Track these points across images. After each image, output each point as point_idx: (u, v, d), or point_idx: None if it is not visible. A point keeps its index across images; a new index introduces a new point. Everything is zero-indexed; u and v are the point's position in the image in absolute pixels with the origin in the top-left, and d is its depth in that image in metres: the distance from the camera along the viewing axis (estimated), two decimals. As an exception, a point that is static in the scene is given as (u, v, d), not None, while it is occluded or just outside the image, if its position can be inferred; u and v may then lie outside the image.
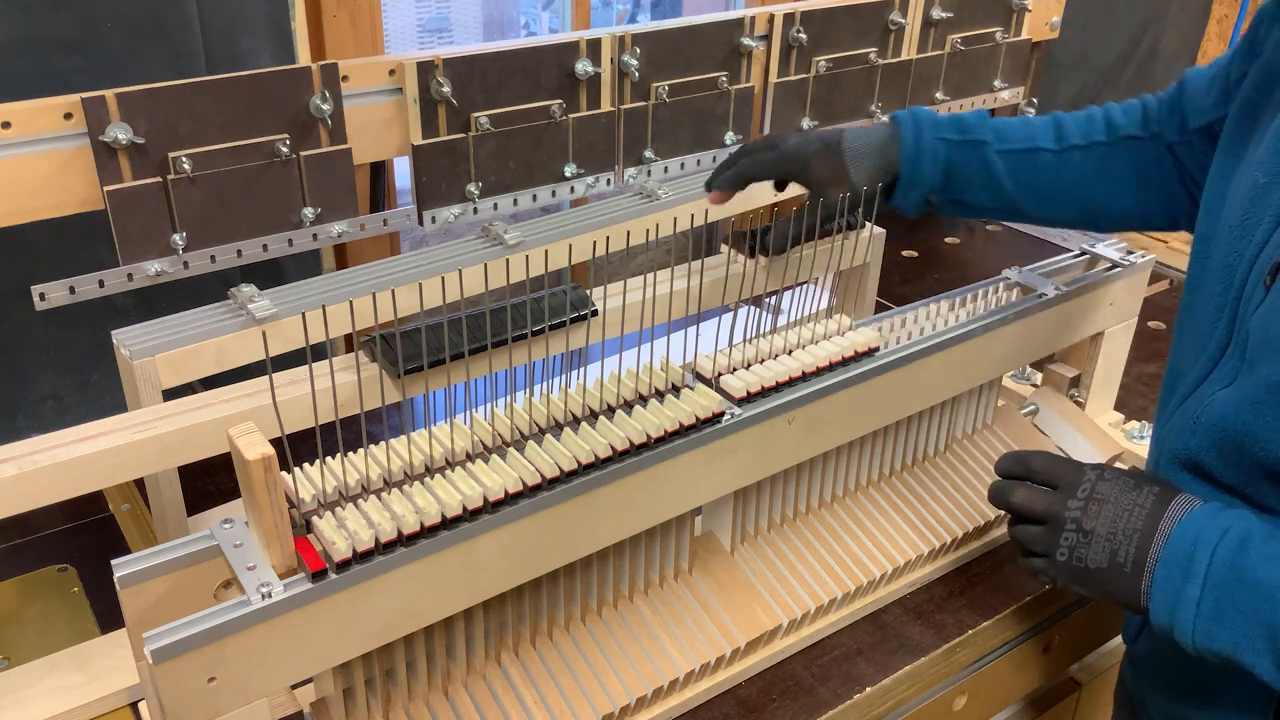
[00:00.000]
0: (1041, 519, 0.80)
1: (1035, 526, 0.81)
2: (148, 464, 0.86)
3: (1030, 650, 1.06)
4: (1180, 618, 0.73)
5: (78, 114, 0.94)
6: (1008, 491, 0.83)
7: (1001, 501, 0.83)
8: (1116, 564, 0.76)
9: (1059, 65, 2.02)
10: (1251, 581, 0.70)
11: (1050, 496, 0.80)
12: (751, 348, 0.89)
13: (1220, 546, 0.72)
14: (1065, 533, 0.78)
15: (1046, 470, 0.82)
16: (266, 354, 0.67)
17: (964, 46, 1.55)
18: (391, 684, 0.77)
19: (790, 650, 0.93)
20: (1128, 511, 0.76)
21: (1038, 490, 0.81)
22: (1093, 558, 0.77)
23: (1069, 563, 0.78)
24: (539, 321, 0.94)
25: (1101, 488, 0.78)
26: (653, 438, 0.78)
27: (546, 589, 0.82)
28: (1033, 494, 0.81)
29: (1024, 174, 1.00)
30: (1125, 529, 0.76)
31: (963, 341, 0.97)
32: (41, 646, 0.92)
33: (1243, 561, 0.71)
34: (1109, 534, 0.77)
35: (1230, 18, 2.64)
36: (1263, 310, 0.75)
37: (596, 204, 1.21)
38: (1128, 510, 0.77)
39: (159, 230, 1.00)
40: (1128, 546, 0.76)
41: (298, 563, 0.68)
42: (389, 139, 1.12)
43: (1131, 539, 0.76)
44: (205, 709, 0.65)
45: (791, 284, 1.11)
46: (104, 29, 1.08)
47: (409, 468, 0.73)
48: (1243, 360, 0.77)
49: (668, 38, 1.25)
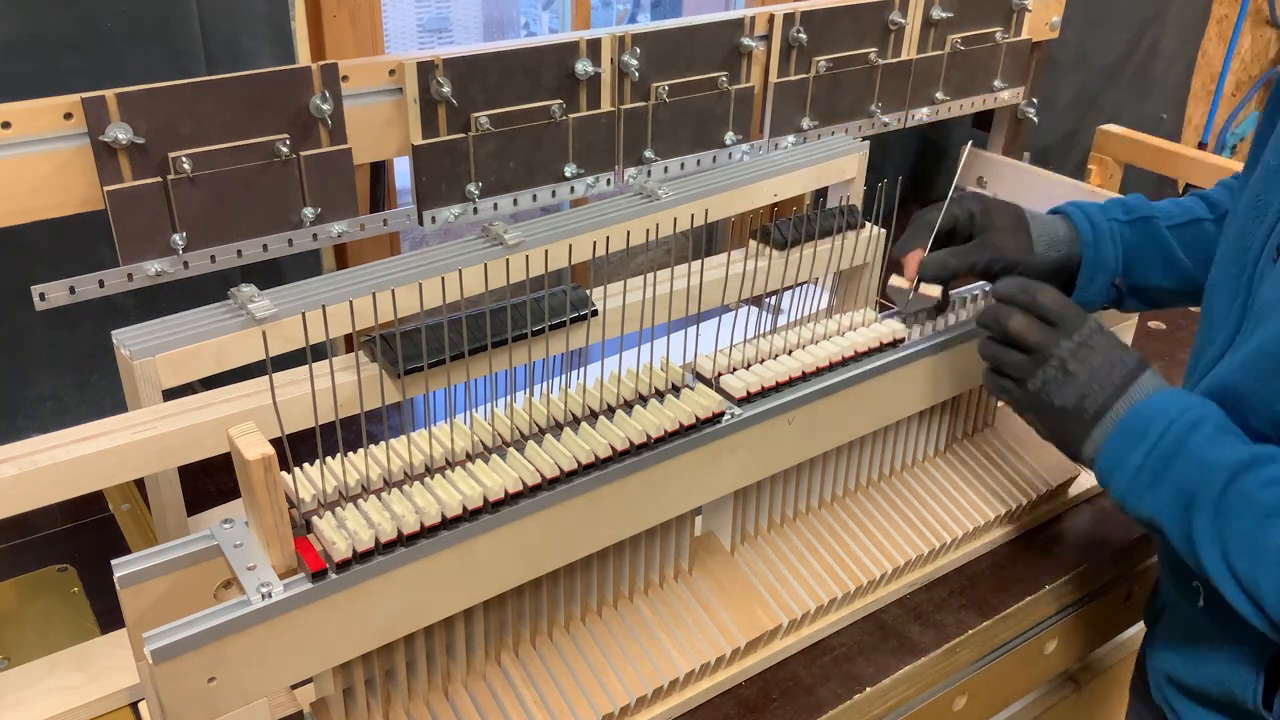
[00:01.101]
0: (1030, 348, 0.83)
1: (1019, 353, 0.84)
2: (148, 464, 0.86)
3: (1030, 650, 1.06)
4: (1119, 474, 0.78)
5: (78, 114, 0.94)
6: (1006, 316, 0.85)
7: (996, 322, 0.85)
8: (1080, 408, 0.81)
9: (1059, 65, 2.02)
10: (1189, 456, 0.75)
11: (1048, 331, 0.83)
12: (751, 348, 0.89)
13: (1176, 422, 0.76)
14: (1047, 366, 0.82)
15: (1054, 306, 0.84)
16: (266, 354, 0.67)
17: (964, 46, 1.55)
18: (391, 684, 0.77)
19: (790, 650, 0.93)
20: (1110, 366, 0.81)
21: (1036, 321, 0.84)
22: (1060, 395, 0.82)
23: (1037, 394, 0.83)
24: (539, 321, 0.94)
25: (1097, 338, 0.82)
26: (653, 438, 0.78)
27: (546, 589, 0.82)
28: (1032, 323, 0.84)
29: (1194, 247, 0.98)
30: (1102, 380, 0.80)
31: (963, 341, 0.97)
32: (41, 646, 0.92)
33: (1189, 438, 0.75)
34: (1087, 379, 0.81)
35: (1230, 18, 2.64)
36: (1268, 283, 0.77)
37: (596, 204, 1.21)
38: (1110, 364, 0.81)
39: (159, 230, 1.00)
40: (1097, 397, 0.80)
41: (298, 563, 0.68)
42: (389, 139, 1.12)
43: (1104, 391, 0.80)
44: (205, 709, 0.65)
45: (791, 284, 1.11)
46: (104, 29, 1.08)
47: (409, 468, 0.73)
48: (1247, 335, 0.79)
49: (668, 38, 1.25)
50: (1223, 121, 2.83)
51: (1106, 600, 1.12)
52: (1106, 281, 0.99)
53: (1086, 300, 0.99)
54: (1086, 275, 0.98)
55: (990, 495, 1.06)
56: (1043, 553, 1.06)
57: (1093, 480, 1.13)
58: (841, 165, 1.34)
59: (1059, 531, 1.09)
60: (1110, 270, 0.98)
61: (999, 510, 1.05)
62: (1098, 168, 1.79)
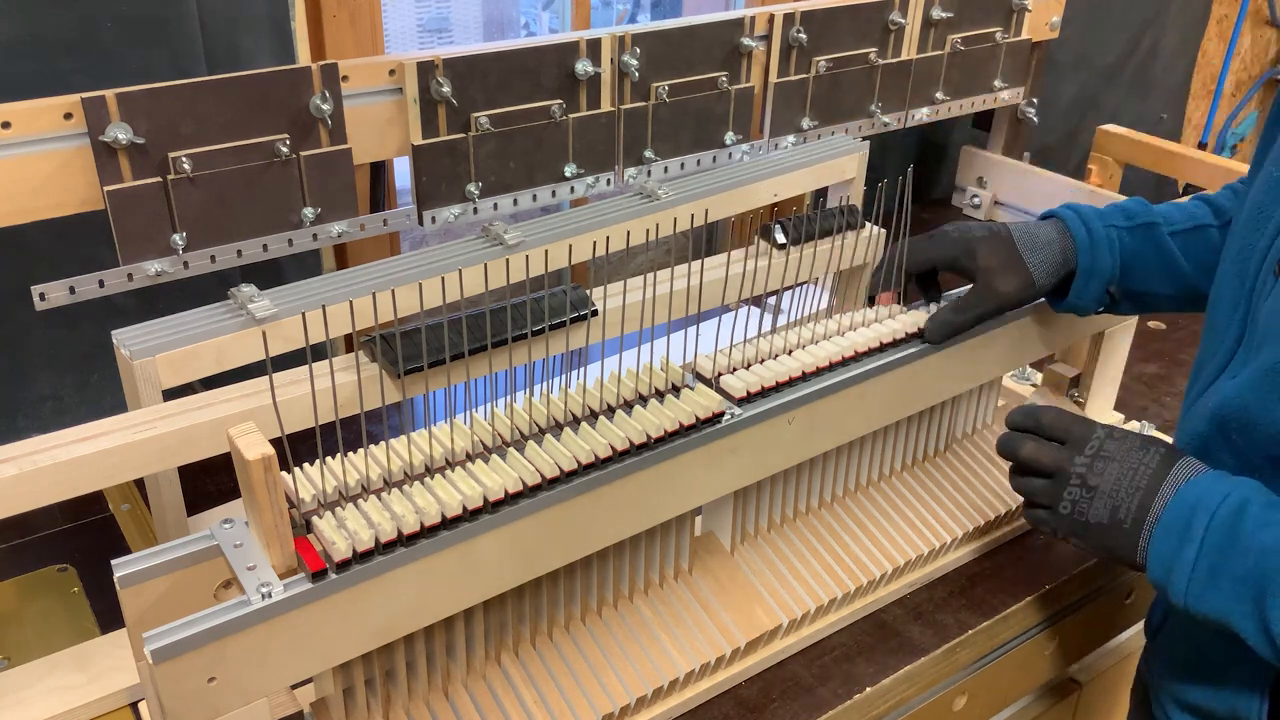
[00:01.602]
0: (1048, 472, 0.83)
1: (1041, 479, 0.83)
2: (148, 464, 0.86)
3: (1030, 650, 1.06)
4: (1175, 579, 0.75)
5: (78, 114, 0.94)
6: (1017, 444, 0.85)
7: (1010, 453, 0.86)
8: (1117, 520, 0.78)
9: (1059, 65, 2.02)
10: (1245, 546, 0.72)
11: (1058, 451, 0.82)
12: (751, 348, 0.89)
13: (1219, 511, 0.74)
14: (1070, 487, 0.81)
15: (1056, 425, 0.84)
16: (266, 354, 0.67)
17: (964, 46, 1.55)
18: (391, 684, 0.77)
19: (790, 650, 0.93)
20: (1132, 470, 0.78)
21: (1046, 444, 0.83)
22: (1094, 513, 0.79)
23: (1071, 516, 0.81)
24: (539, 321, 0.94)
25: (1109, 446, 0.80)
26: (653, 438, 0.78)
27: (546, 589, 0.82)
28: (1041, 448, 0.83)
29: (1197, 253, 0.97)
30: (1128, 487, 0.78)
31: (963, 341, 0.97)
32: (41, 646, 0.92)
33: (1239, 526, 0.72)
34: (1112, 491, 0.79)
35: (1230, 18, 2.64)
36: (1272, 298, 0.76)
37: (596, 204, 1.21)
38: (1133, 469, 0.79)
39: (159, 230, 1.00)
40: (1129, 504, 0.78)
41: (298, 563, 0.68)
42: (389, 139, 1.12)
43: (1134, 497, 0.78)
44: (205, 709, 0.65)
45: (792, 284, 1.11)
46: (104, 29, 1.08)
47: (409, 468, 0.73)
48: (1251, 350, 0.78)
49: (668, 38, 1.25)
50: (1223, 121, 2.83)
51: (1106, 600, 1.12)
52: (1101, 289, 0.97)
53: (1079, 306, 0.98)
54: (1081, 283, 0.97)
55: (990, 495, 1.06)
56: (1043, 553, 1.06)
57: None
58: (841, 165, 1.34)
59: (1059, 531, 1.09)
60: (1105, 278, 0.97)
61: (999, 510, 1.05)
62: (1098, 168, 1.79)
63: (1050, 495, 0.82)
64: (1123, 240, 0.97)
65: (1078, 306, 0.98)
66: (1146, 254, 0.97)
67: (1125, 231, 0.97)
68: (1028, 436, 0.85)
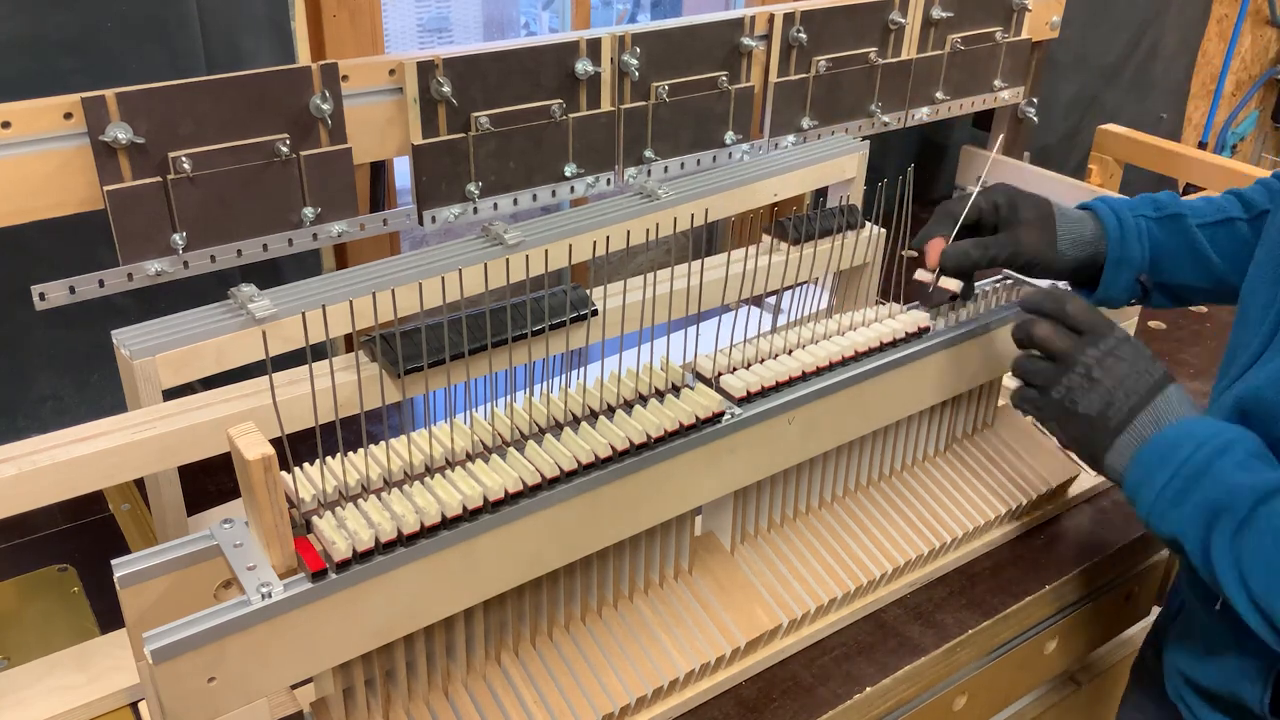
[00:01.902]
0: (1056, 356, 0.84)
1: (1044, 362, 0.85)
2: (148, 464, 0.86)
3: (1030, 650, 1.06)
4: (1144, 493, 0.78)
5: (78, 114, 0.94)
6: (1031, 324, 0.86)
7: (1024, 333, 0.86)
8: (1104, 416, 0.81)
9: (1059, 65, 2.02)
10: (1215, 476, 0.75)
11: (1074, 338, 0.84)
12: (751, 348, 0.89)
13: (1205, 444, 0.76)
14: (1072, 373, 0.83)
15: (1081, 314, 0.85)
16: (266, 354, 0.67)
17: (964, 46, 1.55)
18: (391, 684, 0.77)
19: (790, 650, 0.93)
20: (1137, 375, 0.81)
21: (1063, 329, 0.85)
22: (1085, 404, 0.82)
23: (1061, 401, 0.83)
24: (539, 321, 0.94)
25: (1124, 348, 0.83)
26: (653, 438, 0.78)
27: (546, 589, 0.82)
28: (1057, 332, 0.85)
29: (1226, 245, 0.98)
30: (1126, 389, 0.81)
31: (962, 341, 0.97)
32: (41, 646, 0.92)
33: (1218, 461, 0.75)
34: (1111, 388, 0.81)
35: (1230, 18, 2.64)
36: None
37: (596, 204, 1.21)
38: (1137, 374, 0.81)
39: (159, 230, 1.00)
40: (1122, 406, 0.81)
41: (298, 563, 0.68)
42: (389, 139, 1.12)
43: (1128, 399, 0.80)
44: (205, 709, 0.65)
45: (792, 284, 1.11)
46: (104, 29, 1.08)
47: (409, 468, 0.73)
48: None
49: (668, 38, 1.25)
50: (1223, 121, 2.83)
51: (1106, 600, 1.12)
52: (1131, 278, 0.98)
53: (1111, 297, 0.99)
54: (1111, 272, 0.98)
55: (990, 495, 1.06)
56: (1043, 553, 1.06)
57: (1093, 480, 1.13)
58: (841, 165, 1.34)
59: (1059, 531, 1.09)
60: (1136, 267, 0.98)
61: (999, 510, 1.05)
62: (1098, 168, 1.79)
63: (1049, 378, 0.84)
64: (1152, 231, 0.98)
65: (1109, 298, 0.99)
66: (1175, 245, 0.98)
67: (1154, 222, 0.98)
68: (1045, 318, 0.86)
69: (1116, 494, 1.15)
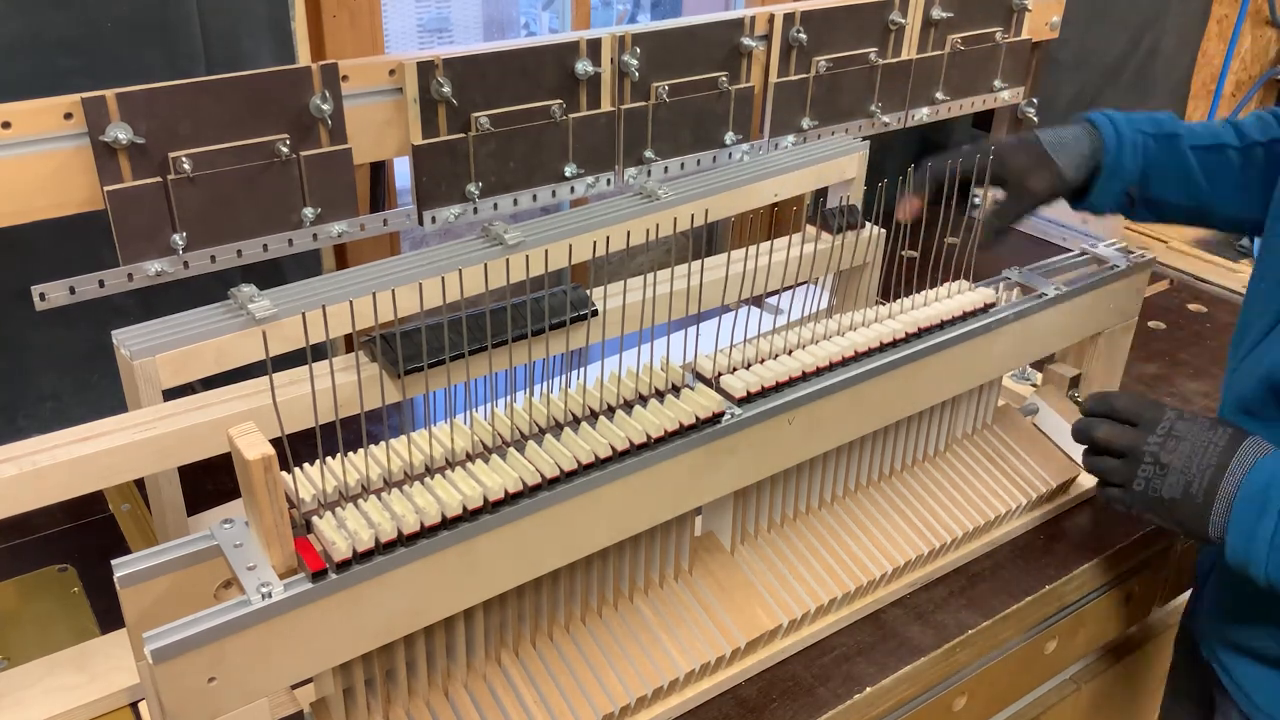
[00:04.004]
0: (1122, 453, 0.88)
1: (1115, 460, 0.89)
2: (148, 464, 0.86)
3: (1030, 650, 1.06)
4: (1255, 550, 0.80)
5: (78, 114, 0.94)
6: (1092, 428, 0.91)
7: (1085, 437, 0.92)
8: (1189, 495, 0.84)
9: (1059, 65, 2.02)
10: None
11: (1131, 432, 0.88)
12: (751, 348, 0.89)
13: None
14: (1143, 465, 0.86)
15: (1129, 408, 0.89)
16: (266, 354, 0.67)
17: (964, 46, 1.55)
18: (391, 684, 0.77)
19: (790, 650, 0.93)
20: (1203, 448, 0.84)
21: (1120, 426, 0.89)
22: (1168, 489, 0.85)
23: (1145, 493, 0.87)
24: (539, 321, 0.94)
25: (1180, 426, 0.86)
26: (653, 438, 0.78)
27: (546, 589, 0.82)
28: (1115, 430, 0.89)
29: (1214, 170, 1.02)
30: (1200, 464, 0.83)
31: (963, 341, 0.97)
32: (41, 646, 0.92)
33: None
34: (1184, 468, 0.84)
35: (1230, 18, 2.63)
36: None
37: (596, 204, 1.21)
38: (1203, 447, 0.84)
39: (159, 230, 1.00)
40: (1200, 480, 0.83)
41: (298, 563, 0.68)
42: (389, 139, 1.12)
43: (1205, 473, 0.83)
44: (205, 709, 0.65)
45: (792, 284, 1.12)
46: (104, 29, 1.08)
47: (409, 468, 0.73)
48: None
49: (668, 38, 1.25)
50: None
51: (1106, 601, 1.12)
52: (1121, 189, 1.02)
53: (1097, 204, 1.03)
54: (1104, 182, 1.02)
55: (990, 495, 1.06)
56: (1042, 553, 1.06)
57: (1093, 480, 1.13)
58: (841, 165, 1.34)
59: (1059, 531, 1.09)
60: (1127, 180, 1.01)
61: (999, 510, 1.05)
62: (1098, 168, 1.79)
63: (1124, 474, 0.88)
64: (1147, 146, 1.01)
65: (1095, 205, 1.03)
66: (1167, 163, 1.02)
67: (1151, 138, 1.02)
68: (1102, 420, 0.90)
69: (1116, 494, 1.15)
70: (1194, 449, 0.84)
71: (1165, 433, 0.86)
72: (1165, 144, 1.02)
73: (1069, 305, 1.06)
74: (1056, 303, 1.04)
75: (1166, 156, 1.02)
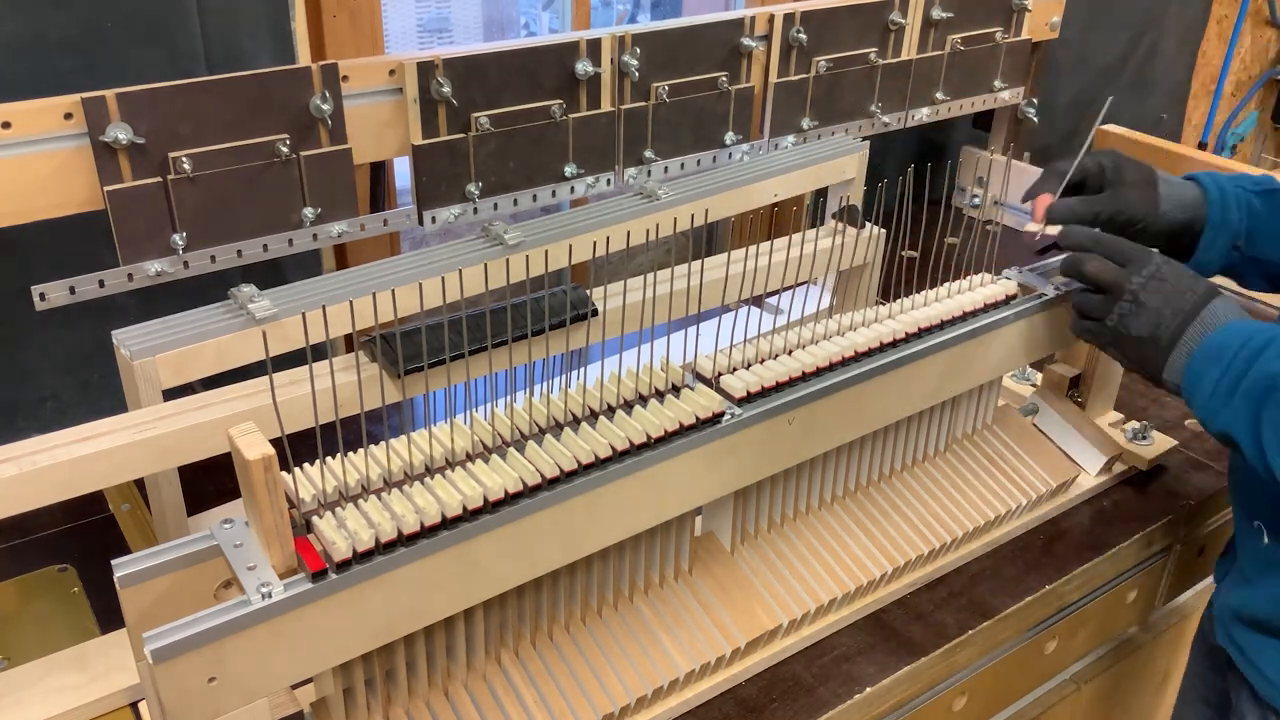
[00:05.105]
0: (1106, 288, 0.92)
1: (1097, 295, 0.93)
2: (148, 464, 0.86)
3: (1030, 650, 1.06)
4: (1198, 396, 0.86)
5: (78, 114, 0.94)
6: (1082, 261, 0.94)
7: (1075, 270, 0.94)
8: (1156, 336, 0.89)
9: (1059, 65, 2.02)
10: (1260, 370, 0.82)
11: (1119, 270, 0.92)
12: (751, 348, 0.89)
13: (1250, 340, 0.83)
14: (1122, 302, 0.90)
15: (1122, 249, 0.93)
16: (266, 354, 0.67)
17: (964, 46, 1.55)
18: (391, 684, 0.77)
19: (790, 650, 0.93)
20: (1180, 294, 0.88)
21: (1109, 263, 0.92)
22: (1137, 326, 0.90)
23: (1115, 328, 0.91)
24: (539, 321, 0.94)
25: (1164, 270, 0.90)
26: (653, 438, 0.78)
27: (546, 589, 0.82)
28: (1104, 265, 0.92)
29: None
30: (1173, 308, 0.88)
31: (963, 341, 0.97)
32: (41, 646, 0.92)
33: (1261, 354, 0.82)
34: (1158, 309, 0.89)
35: (1230, 18, 2.63)
36: None
37: (596, 204, 1.21)
38: (1180, 293, 0.88)
39: (159, 230, 1.00)
40: (1170, 323, 0.88)
41: (298, 563, 0.68)
42: (389, 139, 1.12)
43: (1176, 318, 0.88)
44: (205, 709, 0.65)
45: (792, 284, 1.12)
46: (104, 29, 1.08)
47: (409, 468, 0.73)
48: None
49: (668, 38, 1.25)
50: (1223, 121, 2.83)
51: (1106, 600, 1.12)
52: (1228, 244, 1.03)
53: (1206, 261, 1.03)
54: (1210, 236, 1.02)
55: (990, 495, 1.06)
56: (1042, 553, 1.06)
57: (1093, 480, 1.13)
58: (841, 165, 1.34)
59: (1059, 531, 1.09)
60: (1233, 233, 1.02)
61: (999, 510, 1.05)
62: (1098, 168, 1.78)
63: (1103, 309, 0.92)
64: (1251, 202, 1.02)
65: (1203, 262, 1.03)
66: (1272, 218, 1.02)
67: (1254, 195, 1.03)
68: (1093, 255, 0.93)
69: (1116, 494, 1.15)
70: (1171, 293, 0.88)
71: (1150, 274, 0.89)
72: (1269, 199, 1.02)
73: (1068, 305, 1.06)
74: (1056, 303, 1.04)
75: (1272, 212, 1.02)
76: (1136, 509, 1.13)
